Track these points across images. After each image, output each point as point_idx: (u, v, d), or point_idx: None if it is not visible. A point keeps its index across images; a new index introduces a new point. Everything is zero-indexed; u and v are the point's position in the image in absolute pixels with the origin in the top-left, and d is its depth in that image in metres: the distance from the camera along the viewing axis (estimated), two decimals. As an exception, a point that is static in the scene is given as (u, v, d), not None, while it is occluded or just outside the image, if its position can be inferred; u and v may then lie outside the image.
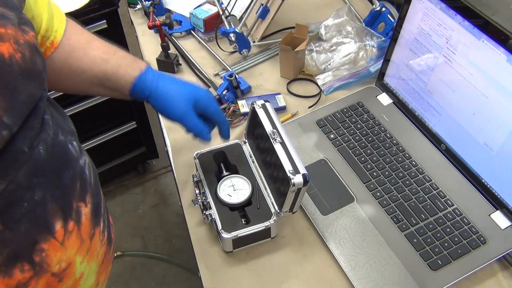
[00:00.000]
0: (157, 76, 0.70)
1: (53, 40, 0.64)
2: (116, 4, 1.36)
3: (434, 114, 0.86)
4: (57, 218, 0.48)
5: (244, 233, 0.71)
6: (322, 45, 1.05)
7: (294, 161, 0.69)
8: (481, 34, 0.71)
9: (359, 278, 0.70)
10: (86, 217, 0.52)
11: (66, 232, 0.49)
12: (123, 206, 1.89)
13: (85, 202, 0.53)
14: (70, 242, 0.49)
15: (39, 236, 0.46)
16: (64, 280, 0.49)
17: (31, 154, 0.45)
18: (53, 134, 0.49)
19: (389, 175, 0.83)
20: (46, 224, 0.47)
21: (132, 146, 1.84)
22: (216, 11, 1.16)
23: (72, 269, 0.50)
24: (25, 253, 0.45)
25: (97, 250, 0.56)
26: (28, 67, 0.45)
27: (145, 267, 1.72)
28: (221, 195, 0.75)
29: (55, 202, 0.47)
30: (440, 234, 0.74)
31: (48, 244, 0.46)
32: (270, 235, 0.75)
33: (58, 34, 0.64)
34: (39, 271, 0.46)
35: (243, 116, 0.97)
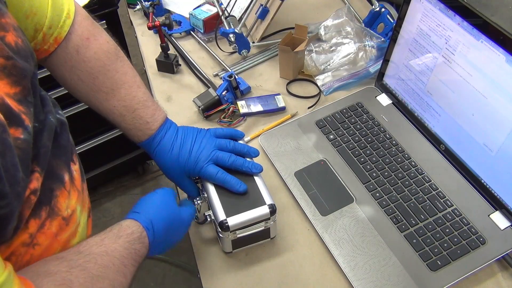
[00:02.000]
0: (160, 141, 0.72)
1: (57, 36, 0.64)
2: (115, 4, 1.36)
3: (434, 114, 0.86)
4: (65, 171, 0.56)
5: (244, 233, 0.71)
6: (321, 46, 1.05)
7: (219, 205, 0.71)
8: (480, 35, 0.71)
9: (358, 278, 0.70)
10: (77, 173, 0.60)
11: (71, 183, 0.57)
12: (122, 206, 1.89)
13: (73, 161, 0.60)
14: (73, 192, 0.57)
15: (54, 185, 0.54)
16: (70, 225, 0.55)
17: (44, 124, 0.53)
18: (53, 108, 0.57)
19: (388, 176, 0.83)
20: (58, 176, 0.55)
21: (131, 147, 1.83)
22: (216, 12, 1.16)
23: (74, 216, 0.57)
24: (47, 200, 0.52)
25: (87, 203, 0.62)
26: (28, 49, 0.51)
27: (144, 268, 1.72)
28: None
29: (59, 159, 0.56)
30: (439, 235, 0.74)
31: (59, 191, 0.54)
32: (269, 235, 0.75)
33: (63, 30, 0.64)
34: (52, 214, 0.52)
35: (242, 117, 0.97)
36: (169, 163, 0.73)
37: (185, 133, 0.74)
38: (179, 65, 1.10)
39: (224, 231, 0.69)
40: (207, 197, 0.73)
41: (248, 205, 0.70)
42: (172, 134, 0.73)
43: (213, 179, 0.71)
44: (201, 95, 0.99)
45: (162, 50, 1.07)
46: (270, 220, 0.71)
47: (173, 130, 0.74)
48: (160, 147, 0.72)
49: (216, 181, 0.71)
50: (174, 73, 1.09)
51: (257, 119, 0.97)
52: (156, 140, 0.73)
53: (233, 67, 1.09)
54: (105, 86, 0.69)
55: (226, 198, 0.71)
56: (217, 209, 0.70)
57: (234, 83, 0.98)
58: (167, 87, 1.06)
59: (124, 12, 1.35)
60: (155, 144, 0.73)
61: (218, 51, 1.13)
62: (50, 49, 0.65)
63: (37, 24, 0.60)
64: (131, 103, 0.70)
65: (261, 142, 0.91)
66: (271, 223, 0.72)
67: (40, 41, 0.63)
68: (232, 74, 0.98)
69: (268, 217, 0.70)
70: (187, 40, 1.19)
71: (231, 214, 0.69)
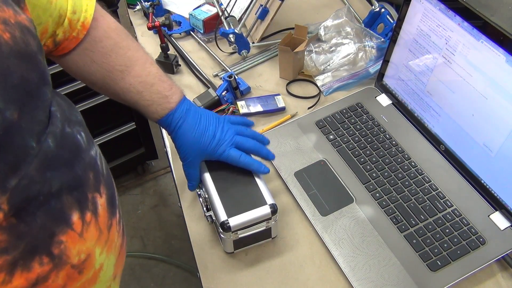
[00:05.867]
0: (182, 117, 0.72)
1: (84, 22, 0.62)
2: (115, 5, 1.37)
3: (433, 115, 0.86)
4: (74, 210, 0.47)
5: (246, 233, 0.71)
6: (321, 46, 1.05)
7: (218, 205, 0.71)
8: (481, 35, 0.71)
9: (358, 279, 0.70)
10: (102, 208, 0.52)
11: (84, 224, 0.48)
12: (122, 206, 1.87)
13: (99, 193, 0.52)
14: (89, 233, 0.49)
15: (56, 228, 0.45)
16: (84, 272, 0.49)
17: (40, 147, 0.43)
18: (61, 127, 0.47)
19: (388, 176, 0.83)
20: (62, 216, 0.46)
21: (131, 147, 1.83)
22: (216, 12, 1.16)
23: (91, 260, 0.49)
24: (43, 246, 0.44)
25: (115, 241, 0.55)
26: (19, 48, 0.43)
27: (144, 268, 1.72)
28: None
29: (70, 194, 0.47)
30: (439, 235, 0.74)
31: (66, 236, 0.46)
32: (270, 235, 0.75)
33: (88, 14, 0.63)
34: (58, 264, 0.45)
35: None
36: (191, 142, 0.72)
37: (208, 115, 0.75)
38: (179, 65, 1.10)
39: (225, 231, 0.69)
40: (208, 197, 0.73)
41: (249, 205, 0.70)
42: (196, 113, 0.73)
43: (236, 162, 0.73)
44: (201, 95, 0.99)
45: (162, 50, 1.07)
46: (271, 220, 0.71)
47: (196, 110, 0.74)
48: (185, 125, 0.72)
49: (239, 163, 0.73)
50: (174, 73, 1.09)
51: (257, 119, 0.97)
52: (177, 115, 0.72)
53: (233, 67, 1.09)
54: (119, 64, 0.68)
55: (227, 199, 0.71)
56: (218, 210, 0.69)
57: (234, 84, 0.98)
58: (167, 88, 1.06)
59: (124, 12, 1.35)
60: (177, 119, 0.71)
61: (218, 52, 1.13)
62: (80, 36, 0.63)
63: (61, 9, 0.59)
64: (147, 79, 0.70)
65: (261, 143, 0.91)
66: (272, 223, 0.72)
67: (67, 28, 0.61)
68: (232, 75, 0.98)
69: (270, 217, 0.70)
70: (187, 41, 1.19)
71: (233, 215, 0.68)
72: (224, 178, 0.74)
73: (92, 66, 0.67)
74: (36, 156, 0.42)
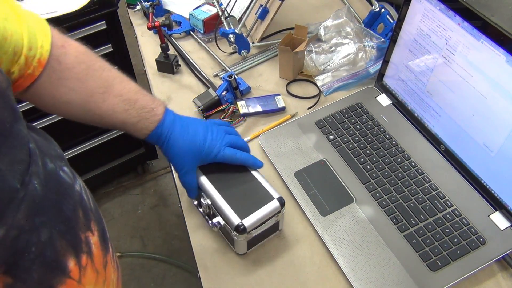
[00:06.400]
0: (171, 126, 0.71)
1: (40, 58, 0.58)
2: (115, 5, 1.36)
3: (434, 115, 0.86)
4: (69, 256, 0.44)
5: (258, 231, 0.70)
6: (321, 46, 1.05)
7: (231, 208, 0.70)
8: (481, 35, 0.71)
9: (358, 279, 0.70)
10: (96, 247, 0.49)
11: (81, 268, 0.45)
12: (122, 207, 1.89)
13: (91, 231, 0.49)
14: (87, 277, 0.46)
15: (54, 280, 0.42)
16: None
17: (26, 191, 0.40)
18: (42, 164, 0.44)
19: (388, 176, 0.83)
20: (59, 265, 0.42)
21: (131, 147, 1.83)
22: (216, 12, 1.16)
23: None
24: None
25: (112, 278, 0.53)
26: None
27: (144, 268, 1.72)
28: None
29: (63, 239, 0.43)
30: (439, 235, 0.74)
31: (65, 286, 0.43)
32: (278, 227, 0.76)
33: (44, 50, 0.58)
34: None
35: (242, 117, 0.97)
36: (184, 149, 0.71)
37: (194, 121, 0.74)
38: (179, 65, 1.10)
39: (240, 233, 0.68)
40: (213, 203, 0.72)
41: (258, 203, 0.70)
42: (182, 120, 0.73)
43: (234, 160, 0.73)
44: (201, 95, 0.99)
45: (162, 50, 1.07)
46: (280, 213, 0.72)
47: (181, 117, 0.73)
48: (175, 134, 0.70)
49: (236, 161, 0.73)
50: (174, 74, 1.09)
51: (257, 119, 0.97)
52: (166, 126, 0.70)
53: (233, 67, 1.09)
54: (98, 86, 0.65)
55: (233, 201, 0.70)
56: (229, 214, 0.69)
57: (234, 84, 0.98)
58: (167, 87, 1.06)
59: (124, 12, 1.35)
60: (166, 129, 0.70)
61: (218, 52, 1.13)
62: (35, 73, 0.58)
63: (16, 46, 0.54)
64: (129, 96, 0.68)
65: (261, 142, 0.91)
66: (281, 215, 0.72)
67: (23, 65, 0.56)
68: (232, 75, 0.98)
69: (279, 210, 0.71)
70: (187, 41, 1.19)
71: (245, 216, 0.68)
72: (223, 180, 0.73)
73: (71, 95, 0.64)
74: (23, 201, 0.39)
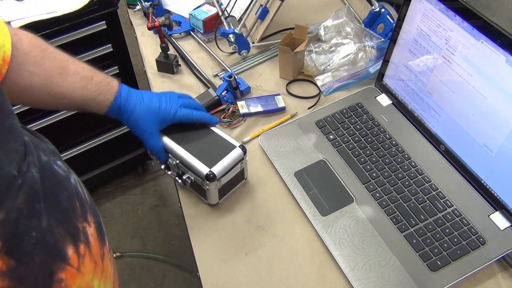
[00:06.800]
0: (127, 96, 0.75)
1: (4, 56, 0.60)
2: (115, 5, 1.36)
3: (434, 115, 0.86)
4: (67, 243, 0.45)
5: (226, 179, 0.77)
6: (321, 46, 1.05)
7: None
8: (480, 35, 0.71)
9: (358, 279, 0.70)
10: (93, 238, 0.50)
11: (80, 257, 0.46)
12: (122, 207, 1.89)
13: (88, 222, 0.50)
14: (85, 266, 0.47)
15: (54, 266, 0.43)
16: None
17: (24, 178, 0.42)
18: (37, 156, 0.46)
19: (388, 176, 0.83)
20: (59, 252, 0.44)
21: (131, 147, 1.83)
22: (216, 12, 1.16)
23: None
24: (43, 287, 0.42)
25: (109, 270, 0.54)
26: None
27: (144, 268, 1.72)
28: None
29: (62, 227, 0.45)
30: (439, 235, 0.74)
31: (65, 272, 0.44)
32: (244, 176, 0.83)
33: (6, 49, 0.61)
34: None
35: (242, 117, 0.97)
36: (144, 113, 0.76)
37: (146, 91, 0.79)
38: (179, 65, 1.10)
39: (211, 181, 0.75)
40: (180, 161, 0.78)
41: (222, 153, 0.76)
42: (136, 91, 0.77)
43: (190, 118, 0.79)
44: (201, 95, 0.99)
45: (162, 50, 1.07)
46: (243, 160, 0.79)
47: (134, 89, 0.78)
48: (132, 101, 0.75)
49: (193, 119, 0.80)
50: (174, 73, 1.09)
51: (257, 119, 0.97)
52: (123, 96, 0.75)
53: (233, 67, 1.09)
54: (55, 67, 0.69)
55: (199, 155, 0.76)
56: (198, 166, 0.75)
57: (234, 84, 0.98)
58: (167, 87, 1.06)
59: (124, 12, 1.35)
60: (124, 100, 0.75)
61: (218, 52, 1.13)
62: (2, 71, 0.61)
63: None
64: (85, 73, 0.72)
65: (261, 142, 0.91)
66: (244, 163, 0.80)
67: None
68: (232, 75, 0.98)
69: (242, 157, 0.78)
70: (187, 41, 1.19)
71: (212, 165, 0.75)
72: (186, 139, 0.79)
73: (31, 79, 0.66)
74: (22, 187, 0.41)
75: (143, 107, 0.76)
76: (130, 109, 0.75)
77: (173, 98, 0.79)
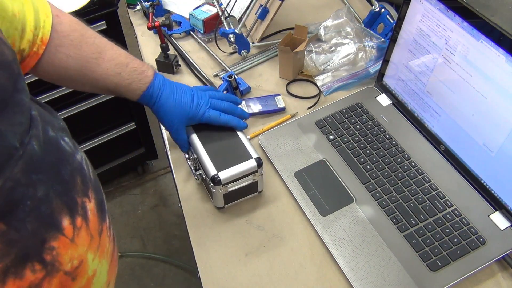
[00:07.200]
0: (161, 87, 0.76)
1: (42, 37, 0.63)
2: (115, 5, 1.37)
3: (433, 115, 0.86)
4: (64, 215, 0.47)
5: (234, 187, 0.76)
6: (321, 46, 1.05)
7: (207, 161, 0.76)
8: (480, 35, 0.71)
9: (358, 279, 0.70)
10: (92, 213, 0.51)
11: (75, 229, 0.48)
12: (122, 207, 1.89)
13: (88, 198, 0.52)
14: (80, 238, 0.48)
15: (47, 234, 0.45)
16: (78, 279, 0.48)
17: (25, 150, 0.43)
18: (42, 130, 0.48)
19: (388, 176, 0.83)
20: (53, 221, 0.45)
21: (131, 147, 1.83)
22: (216, 12, 1.16)
23: (84, 266, 0.49)
24: (35, 253, 0.43)
25: (107, 247, 0.55)
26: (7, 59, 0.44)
27: (144, 268, 1.72)
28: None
29: (59, 199, 0.46)
30: (439, 235, 0.74)
31: (58, 241, 0.45)
32: (257, 189, 0.80)
33: (46, 30, 0.63)
34: (51, 271, 0.44)
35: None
36: (174, 107, 0.77)
37: (182, 85, 0.80)
38: (179, 65, 1.10)
39: (216, 185, 0.74)
40: (197, 157, 0.78)
41: (236, 160, 0.76)
42: (171, 83, 0.79)
43: (217, 121, 0.79)
44: (201, 95, 0.98)
45: (162, 50, 1.07)
46: (257, 173, 0.77)
47: (170, 81, 0.79)
48: (165, 94, 0.76)
49: (220, 122, 0.79)
50: (174, 73, 1.09)
51: (257, 119, 0.98)
52: (157, 87, 0.76)
53: (233, 67, 1.09)
54: (91, 52, 0.70)
55: (214, 155, 0.77)
56: (208, 166, 0.75)
57: (234, 84, 0.98)
58: (167, 88, 1.06)
59: (124, 12, 1.35)
60: (157, 90, 0.76)
61: (218, 52, 1.13)
62: (40, 51, 0.64)
63: (23, 23, 0.59)
64: (121, 60, 0.73)
65: (261, 142, 0.91)
66: (258, 176, 0.77)
67: (31, 43, 0.61)
68: (232, 75, 0.98)
69: (255, 170, 0.76)
70: (187, 41, 1.19)
71: (222, 169, 0.74)
72: (210, 138, 0.80)
73: (68, 61, 0.68)
74: (21, 158, 0.42)
75: (174, 102, 0.77)
76: (162, 101, 0.76)
77: (204, 98, 0.80)
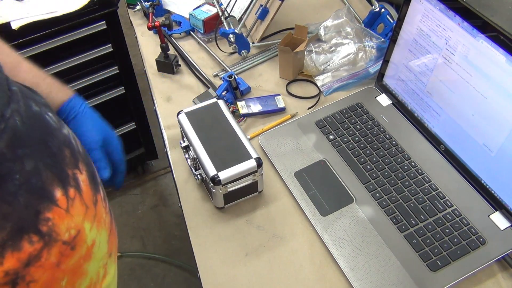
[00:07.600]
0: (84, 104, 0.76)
1: None
2: (115, 5, 1.36)
3: (433, 115, 0.86)
4: (55, 186, 0.47)
5: (235, 187, 0.76)
6: (321, 46, 1.05)
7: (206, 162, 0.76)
8: (480, 35, 0.71)
9: (358, 279, 0.70)
10: (84, 184, 0.52)
11: (69, 199, 0.48)
12: (122, 207, 1.89)
13: (79, 169, 0.52)
14: (75, 208, 0.49)
15: (41, 205, 0.45)
16: (77, 248, 0.49)
17: (7, 124, 0.43)
18: (25, 105, 0.48)
19: (388, 176, 0.83)
20: (45, 193, 0.46)
21: (131, 147, 1.83)
22: (216, 12, 1.16)
23: (82, 236, 0.49)
24: (30, 225, 0.44)
25: (103, 217, 0.55)
26: None
27: (144, 268, 1.72)
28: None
29: (50, 171, 0.47)
30: (439, 235, 0.74)
31: (52, 212, 0.46)
32: (257, 189, 0.80)
33: None
34: (48, 241, 0.45)
35: (242, 117, 0.97)
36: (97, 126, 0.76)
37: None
38: (179, 65, 1.10)
39: (216, 185, 0.74)
40: (196, 157, 0.78)
41: (236, 160, 0.76)
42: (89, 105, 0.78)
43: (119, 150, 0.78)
44: (201, 95, 0.99)
45: (162, 50, 1.07)
46: (257, 173, 0.76)
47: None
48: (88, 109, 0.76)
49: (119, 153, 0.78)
50: (174, 73, 1.09)
51: (257, 119, 0.98)
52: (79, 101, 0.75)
53: (233, 67, 1.09)
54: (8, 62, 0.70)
55: (214, 155, 0.76)
56: (208, 166, 0.75)
57: (234, 84, 0.98)
58: (167, 87, 1.06)
59: (124, 12, 1.35)
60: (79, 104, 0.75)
61: (218, 52, 1.13)
62: None
63: None
64: (38, 73, 0.72)
65: (261, 142, 0.91)
66: (258, 176, 0.77)
67: None
68: (232, 75, 0.98)
69: (255, 170, 0.76)
70: (187, 41, 1.19)
71: (222, 169, 0.74)
72: (209, 137, 0.79)
73: None
74: (4, 132, 0.43)
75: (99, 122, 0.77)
76: (88, 114, 0.76)
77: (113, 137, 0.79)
